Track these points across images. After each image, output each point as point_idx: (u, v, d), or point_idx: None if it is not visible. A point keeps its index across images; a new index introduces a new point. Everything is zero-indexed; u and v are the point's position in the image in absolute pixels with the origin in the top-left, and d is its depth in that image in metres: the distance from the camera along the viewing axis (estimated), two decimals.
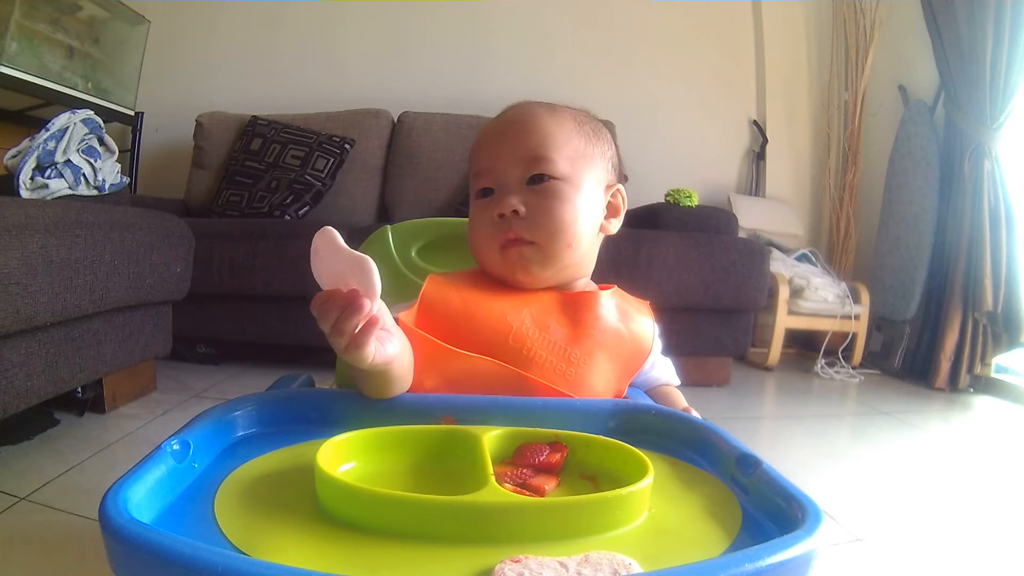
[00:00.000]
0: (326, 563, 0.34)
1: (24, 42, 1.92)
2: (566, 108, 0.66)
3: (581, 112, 0.67)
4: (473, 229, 0.64)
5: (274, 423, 0.52)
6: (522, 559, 0.32)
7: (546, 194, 0.60)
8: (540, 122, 0.62)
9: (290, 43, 2.67)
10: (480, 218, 0.62)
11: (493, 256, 0.62)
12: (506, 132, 0.63)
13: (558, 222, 0.60)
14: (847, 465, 1.35)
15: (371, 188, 2.42)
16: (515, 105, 0.65)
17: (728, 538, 0.38)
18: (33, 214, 1.01)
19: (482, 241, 0.62)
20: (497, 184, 0.62)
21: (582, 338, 0.60)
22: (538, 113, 0.63)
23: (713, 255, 1.91)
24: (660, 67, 2.78)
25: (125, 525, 0.32)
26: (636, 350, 0.64)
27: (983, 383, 2.16)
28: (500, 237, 0.60)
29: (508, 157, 0.61)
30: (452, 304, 0.59)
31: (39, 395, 1.07)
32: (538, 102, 0.65)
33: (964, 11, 2.12)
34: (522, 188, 0.61)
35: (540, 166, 0.60)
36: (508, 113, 0.65)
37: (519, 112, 0.64)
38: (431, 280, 0.60)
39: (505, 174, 0.61)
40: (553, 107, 0.65)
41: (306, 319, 1.60)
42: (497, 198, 0.61)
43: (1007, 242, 2.09)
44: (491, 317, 0.58)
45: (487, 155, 0.63)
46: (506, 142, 0.62)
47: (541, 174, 0.60)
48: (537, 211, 0.60)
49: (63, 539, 0.85)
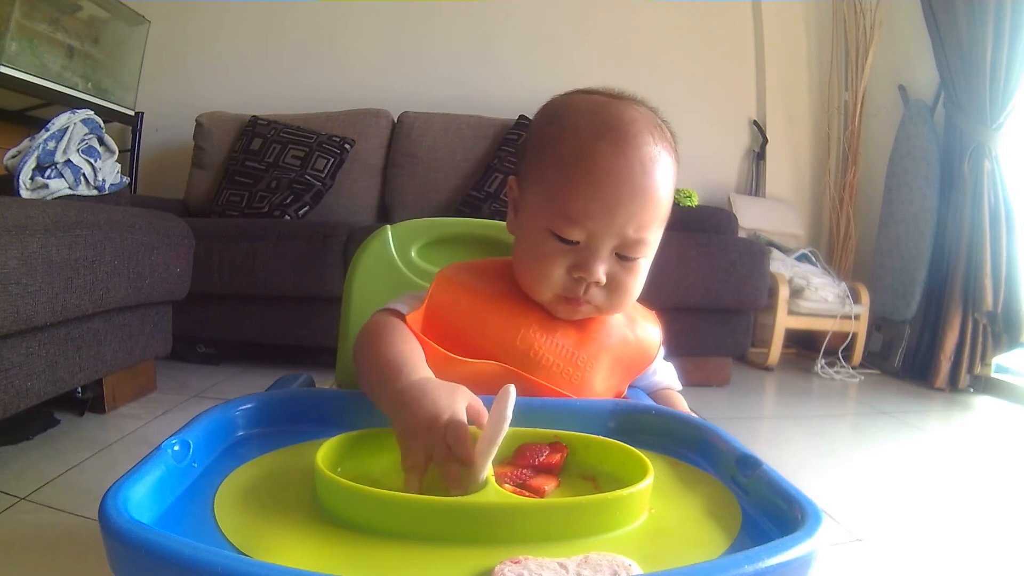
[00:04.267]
0: (325, 563, 0.34)
1: (24, 42, 1.92)
2: (671, 148, 0.59)
3: (674, 142, 0.60)
4: (535, 267, 0.57)
5: (274, 423, 0.52)
6: (522, 560, 0.32)
7: (631, 270, 0.57)
8: (658, 190, 0.55)
9: (290, 43, 2.67)
10: (551, 262, 0.56)
11: (547, 298, 0.58)
12: (620, 192, 0.54)
13: (631, 298, 0.59)
14: (847, 465, 1.35)
15: (371, 188, 2.41)
16: (635, 140, 0.55)
17: (728, 539, 0.38)
18: (33, 214, 1.01)
19: (542, 284, 0.57)
20: (587, 242, 0.55)
21: (589, 342, 0.60)
22: (659, 173, 0.56)
23: (713, 255, 1.91)
24: (660, 67, 2.78)
25: (125, 525, 0.32)
26: (641, 355, 0.64)
27: (983, 383, 2.16)
28: (567, 292, 0.57)
29: (611, 226, 0.54)
30: (461, 304, 0.58)
31: (39, 395, 1.07)
32: (652, 132, 0.56)
33: (964, 11, 2.12)
34: (611, 256, 0.56)
35: (638, 250, 0.56)
36: (630, 154, 0.54)
37: (640, 163, 0.55)
38: (441, 278, 0.59)
39: (601, 240, 0.55)
40: (668, 153, 0.57)
41: (306, 319, 1.61)
42: (583, 259, 0.55)
43: (1007, 242, 2.09)
44: (501, 318, 0.58)
45: (592, 210, 0.54)
46: (618, 206, 0.54)
47: (636, 257, 0.57)
48: (616, 284, 0.57)
49: (63, 539, 0.85)
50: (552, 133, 0.58)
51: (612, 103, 0.58)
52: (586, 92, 0.61)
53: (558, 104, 0.60)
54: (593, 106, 0.58)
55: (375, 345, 0.53)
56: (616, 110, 0.57)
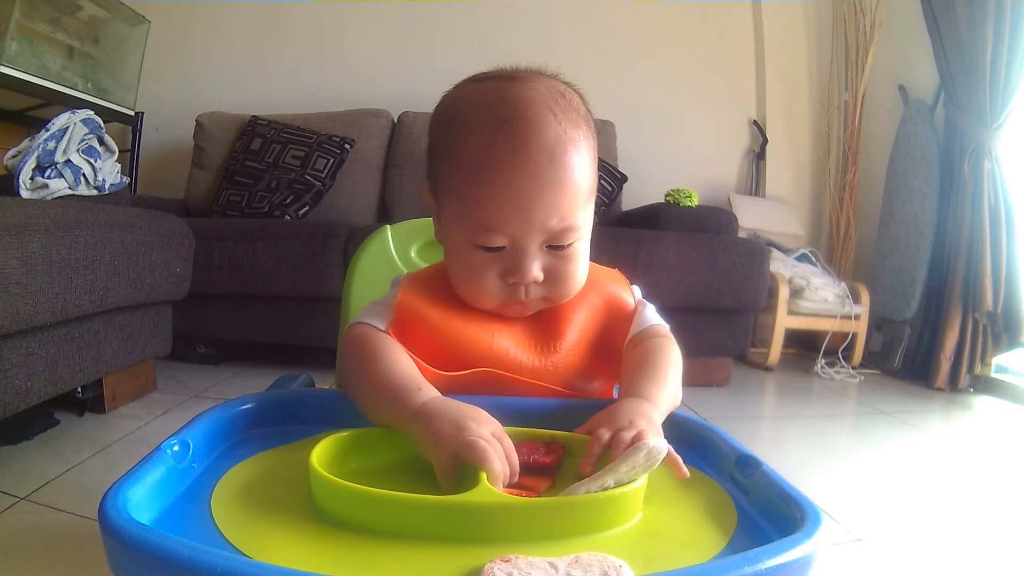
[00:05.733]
0: (319, 562, 0.34)
1: (24, 42, 1.92)
2: (580, 118, 0.54)
3: (583, 108, 0.56)
4: (468, 281, 0.55)
5: (274, 423, 0.52)
6: (512, 559, 0.32)
7: (567, 258, 0.54)
8: (572, 174, 0.52)
9: (290, 43, 2.67)
10: (481, 273, 0.54)
11: (490, 307, 0.56)
12: (530, 190, 0.50)
13: (576, 283, 0.56)
14: (847, 465, 1.35)
15: (371, 188, 2.42)
16: (535, 128, 0.51)
17: (723, 541, 0.38)
18: (33, 214, 1.01)
19: (480, 297, 0.55)
20: (513, 245, 0.53)
21: (560, 325, 0.57)
22: (568, 156, 0.51)
23: (713, 255, 1.91)
24: (660, 67, 2.78)
25: (125, 526, 0.32)
26: (615, 313, 0.60)
27: (983, 383, 2.16)
28: (507, 298, 0.55)
29: (531, 224, 0.52)
30: (429, 320, 0.55)
31: (39, 395, 1.07)
32: (553, 111, 0.52)
33: (964, 11, 2.12)
34: (541, 251, 0.53)
35: (568, 237, 0.53)
36: (531, 146, 0.50)
37: (545, 152, 0.51)
38: (404, 296, 0.56)
39: (526, 241, 0.52)
40: (576, 127, 0.53)
41: (306, 319, 1.61)
42: (513, 263, 0.53)
43: (1007, 242, 2.09)
44: (469, 327, 0.56)
45: (506, 216, 0.51)
46: (532, 204, 0.51)
47: (568, 244, 0.54)
48: (556, 275, 0.54)
49: (63, 539, 0.85)
50: (451, 139, 0.54)
51: (505, 88, 0.54)
52: (477, 80, 0.57)
53: (450, 103, 0.57)
54: (485, 97, 0.54)
55: (373, 363, 0.51)
56: (509, 96, 0.53)
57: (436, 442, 0.42)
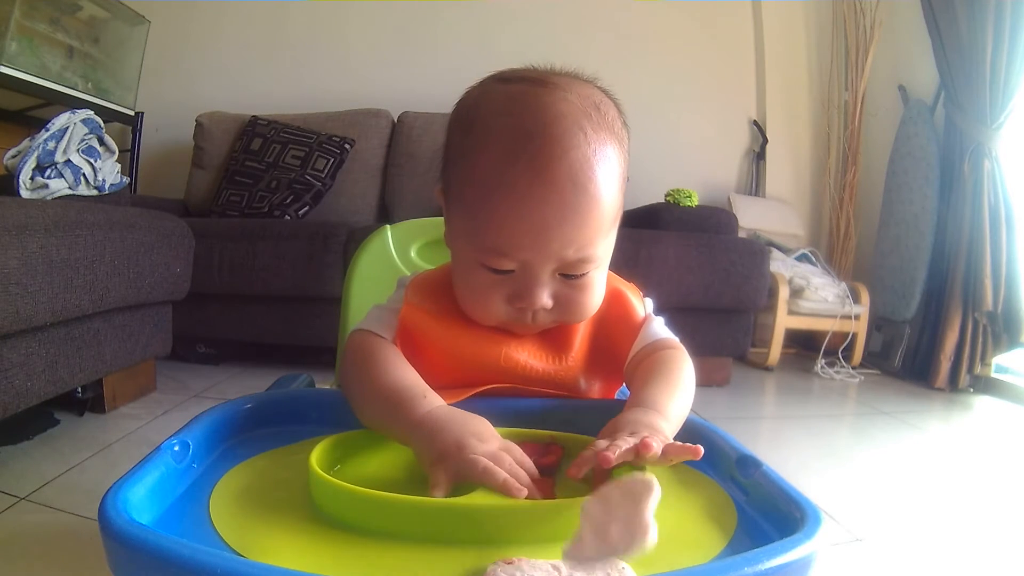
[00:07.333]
0: (319, 564, 0.34)
1: (24, 42, 1.92)
2: (613, 136, 0.49)
3: (619, 123, 0.51)
4: (472, 298, 0.52)
5: (274, 423, 0.52)
6: (515, 561, 0.32)
7: (580, 287, 0.51)
8: (597, 202, 0.47)
9: (290, 43, 2.67)
10: (487, 294, 0.51)
11: (494, 324, 0.53)
12: (548, 217, 0.46)
13: (588, 311, 0.53)
14: (847, 465, 1.35)
15: (371, 188, 2.42)
16: (561, 148, 0.45)
17: (723, 541, 0.38)
18: (33, 214, 1.01)
19: (484, 316, 0.52)
20: (522, 270, 0.49)
21: (568, 337, 0.56)
22: (595, 183, 0.46)
23: (713, 255, 1.91)
24: (660, 67, 2.78)
25: (124, 527, 0.32)
26: (622, 324, 0.58)
27: (983, 383, 2.16)
28: (514, 320, 0.52)
29: (546, 253, 0.48)
30: (435, 334, 0.54)
31: (39, 395, 1.07)
32: (584, 129, 0.46)
33: (964, 11, 2.12)
34: (553, 278, 0.50)
35: (583, 267, 0.50)
36: (555, 170, 0.45)
37: (570, 178, 0.46)
38: (408, 309, 0.54)
39: (537, 268, 0.49)
40: (606, 146, 0.47)
41: (306, 319, 1.61)
42: (521, 288, 0.49)
43: (1007, 242, 2.09)
44: (476, 341, 0.54)
45: (518, 241, 0.47)
46: (549, 232, 0.46)
47: (583, 274, 0.50)
48: (567, 303, 0.51)
49: (63, 539, 0.85)
50: (467, 145, 0.49)
51: (533, 95, 0.48)
52: (505, 80, 0.51)
53: (471, 104, 0.51)
54: (508, 105, 0.48)
55: (375, 370, 0.49)
56: (538, 106, 0.47)
57: (437, 458, 0.40)
